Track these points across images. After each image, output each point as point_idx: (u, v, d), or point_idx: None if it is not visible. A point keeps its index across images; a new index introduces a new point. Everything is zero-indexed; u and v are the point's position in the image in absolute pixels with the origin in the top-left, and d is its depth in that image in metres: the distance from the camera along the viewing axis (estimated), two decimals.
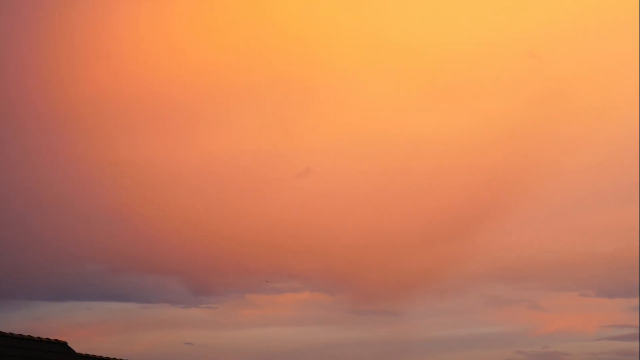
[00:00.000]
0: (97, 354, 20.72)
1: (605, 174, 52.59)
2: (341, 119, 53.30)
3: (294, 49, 52.65)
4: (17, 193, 51.00)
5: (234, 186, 52.54)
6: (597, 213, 52.75)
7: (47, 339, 18.90)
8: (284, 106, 53.11)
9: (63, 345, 19.29)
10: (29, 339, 18.20)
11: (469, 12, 53.03)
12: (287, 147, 52.83)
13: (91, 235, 51.50)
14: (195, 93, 52.65)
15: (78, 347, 19.95)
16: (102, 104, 51.75)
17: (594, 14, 52.04)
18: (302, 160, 52.58)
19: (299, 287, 54.29)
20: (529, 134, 53.32)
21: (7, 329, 17.86)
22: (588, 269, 52.85)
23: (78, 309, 52.87)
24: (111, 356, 21.11)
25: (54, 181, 51.59)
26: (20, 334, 18.00)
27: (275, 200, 52.73)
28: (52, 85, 51.60)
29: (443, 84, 53.18)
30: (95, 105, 51.71)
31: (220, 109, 52.86)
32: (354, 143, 52.97)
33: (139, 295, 53.10)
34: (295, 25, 52.70)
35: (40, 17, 51.32)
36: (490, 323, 53.49)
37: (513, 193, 53.56)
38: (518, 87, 53.38)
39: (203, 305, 53.69)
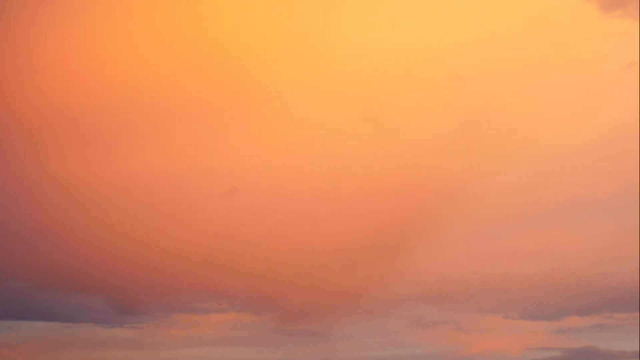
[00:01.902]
0: None
1: (530, 196, 53.23)
2: (270, 139, 53.43)
3: (225, 68, 52.82)
4: None
5: (159, 203, 52.30)
6: (522, 235, 53.28)
7: None
8: (213, 124, 53.14)
9: None
10: None
11: (396, 34, 53.55)
12: (215, 165, 52.77)
13: (14, 252, 50.85)
14: (124, 109, 52.44)
15: None
16: (29, 118, 51.30)
17: (519, 36, 52.81)
18: (229, 179, 52.57)
19: (224, 307, 54.06)
20: (455, 156, 53.80)
21: None
22: (512, 291, 53.32)
23: (0, 328, 52.10)
24: None
25: None
26: None
27: (202, 218, 52.61)
28: None
29: (370, 106, 53.64)
30: (21, 120, 51.24)
31: (149, 125, 52.67)
32: (281, 163, 53.11)
33: (62, 314, 52.54)
34: (227, 43, 52.88)
35: None
36: (416, 344, 53.66)
37: (439, 214, 53.94)
38: (444, 109, 53.90)
39: (127, 325, 53.31)
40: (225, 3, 52.53)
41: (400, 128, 53.85)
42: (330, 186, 53.13)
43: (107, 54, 52.10)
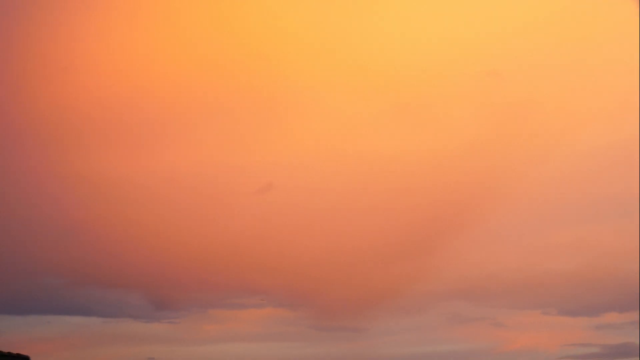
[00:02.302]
0: None
1: (567, 191, 52.88)
2: (304, 135, 53.40)
3: (258, 65, 52.83)
4: None
5: (196, 200, 52.44)
6: (560, 231, 52.99)
7: (9, 353, 18.73)
8: (247, 121, 53.17)
9: (25, 359, 19.13)
10: None
11: (430, 31, 53.30)
12: (250, 162, 52.83)
13: (52, 249, 51.26)
14: (158, 106, 52.62)
15: None
16: (63, 117, 51.59)
17: (555, 31, 52.43)
18: (264, 176, 52.58)
19: (261, 303, 54.17)
20: (490, 152, 53.57)
21: None
22: (550, 287, 53.06)
23: (39, 323, 52.57)
24: None
25: (14, 194, 51.25)
26: None
27: (238, 215, 52.69)
28: (10, 100, 51.34)
29: (405, 102, 53.43)
30: (56, 119, 51.54)
31: (184, 123, 52.83)
32: (317, 159, 53.07)
33: (100, 309, 52.86)
34: (260, 41, 52.83)
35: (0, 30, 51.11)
36: (452, 340, 53.52)
37: (475, 211, 53.75)
38: (479, 105, 53.65)
39: (165, 320, 53.55)
40: (258, 2, 52.50)
41: (435, 123, 53.71)
42: (366, 181, 53.10)
43: (138, 51, 52.33)
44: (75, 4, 51.45)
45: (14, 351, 18.61)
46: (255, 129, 53.14)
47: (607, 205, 52.35)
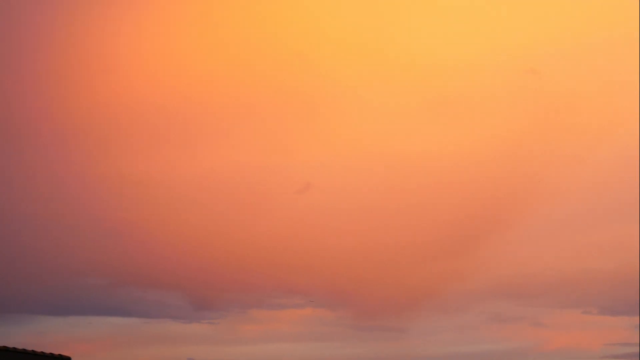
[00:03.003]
0: None
1: (607, 191, 52.54)
2: (342, 134, 53.41)
3: (295, 64, 52.87)
4: (18, 207, 51.10)
5: (235, 201, 52.60)
6: (600, 230, 52.64)
7: (51, 354, 18.90)
8: (285, 121, 53.29)
9: None
10: (33, 354, 18.18)
11: (470, 28, 53.14)
12: (288, 162, 52.93)
13: (92, 249, 51.57)
14: (196, 107, 52.82)
15: None
16: (102, 118, 51.95)
17: (595, 30, 52.10)
18: (303, 176, 52.64)
19: (300, 303, 54.24)
20: (530, 150, 53.32)
21: (9, 343, 17.86)
22: (591, 287, 52.73)
23: (80, 324, 52.91)
24: None
25: (55, 195, 51.69)
26: (24, 349, 18.00)
27: (277, 215, 52.75)
28: (52, 99, 51.79)
29: (443, 100, 53.26)
30: (95, 119, 51.93)
31: (222, 123, 52.99)
32: (355, 158, 53.02)
33: (140, 310, 53.12)
34: (296, 39, 52.89)
35: (40, 30, 51.54)
36: (493, 340, 53.32)
37: (515, 209, 53.50)
38: (518, 103, 53.46)
39: (205, 321, 53.72)
40: (295, 1, 52.58)
41: (474, 121, 53.56)
42: (404, 180, 53.00)
43: (181, 53, 52.54)
44: (113, 8, 51.75)
45: (56, 352, 18.80)
46: (292, 130, 53.32)
47: None
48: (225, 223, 52.26)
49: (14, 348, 17.79)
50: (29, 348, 18.31)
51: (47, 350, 18.90)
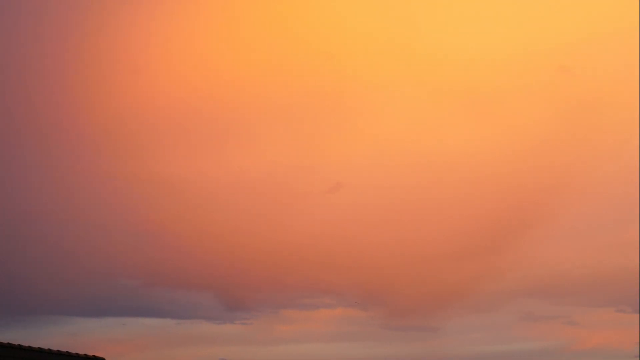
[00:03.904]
0: None
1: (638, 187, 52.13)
2: (371, 133, 53.36)
3: (323, 64, 52.89)
4: (51, 210, 51.53)
5: (265, 201, 52.67)
6: (633, 227, 52.18)
7: (86, 354, 18.98)
8: (314, 121, 53.31)
9: None
10: (68, 355, 18.27)
11: (501, 25, 52.98)
12: (318, 162, 52.98)
13: (125, 251, 51.87)
14: (225, 109, 52.94)
15: None
16: (133, 120, 52.18)
17: (626, 26, 51.76)
18: (333, 175, 52.68)
19: (332, 303, 54.30)
20: (562, 148, 53.11)
21: (44, 344, 17.97)
22: (624, 285, 52.31)
23: (114, 325, 53.20)
24: None
25: (87, 198, 52.01)
26: (58, 350, 18.10)
27: (307, 215, 52.83)
28: (82, 102, 52.15)
29: (474, 97, 53.15)
30: (126, 122, 52.17)
31: (251, 124, 53.10)
32: (385, 157, 53.03)
33: (173, 310, 53.32)
34: (325, 40, 52.97)
35: (70, 33, 51.85)
36: (526, 339, 53.19)
37: (547, 206, 53.27)
38: (550, 100, 53.22)
39: (237, 321, 53.84)
40: (324, 2, 52.64)
41: (506, 120, 53.42)
42: (435, 178, 52.93)
43: (209, 53, 52.67)
44: (142, 9, 51.98)
45: (90, 353, 18.91)
46: (322, 129, 53.32)
47: None
48: (256, 223, 52.38)
49: (49, 349, 17.89)
50: (63, 349, 18.42)
51: (81, 352, 18.98)
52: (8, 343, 16.59)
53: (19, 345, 17.09)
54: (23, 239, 50.76)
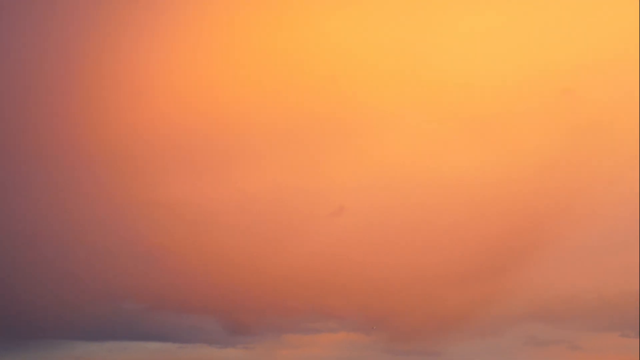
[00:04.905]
0: None
1: None
2: (374, 156, 53.43)
3: (326, 87, 53.06)
4: (53, 233, 51.68)
5: (268, 224, 52.75)
6: (636, 251, 52.10)
7: None
8: (317, 144, 53.42)
9: None
10: None
11: (504, 49, 53.11)
12: (321, 185, 53.02)
13: (128, 274, 51.99)
14: (228, 131, 53.10)
15: None
16: (134, 142, 52.34)
17: (630, 50, 51.89)
18: (336, 198, 52.77)
19: (335, 327, 54.22)
20: (565, 171, 53.08)
21: None
22: (629, 309, 52.20)
23: (116, 349, 53.22)
24: None
25: (89, 221, 52.13)
26: None
27: (310, 238, 52.84)
28: (84, 125, 52.33)
29: (478, 120, 53.23)
30: (127, 144, 52.33)
31: (254, 147, 53.20)
32: (388, 180, 53.03)
33: (176, 334, 53.33)
34: (328, 63, 53.16)
35: (71, 57, 52.17)
36: None
37: (551, 230, 53.19)
38: (554, 123, 53.26)
39: (240, 345, 53.79)
40: (326, 23, 52.86)
41: (509, 143, 53.41)
42: (439, 202, 52.94)
43: (211, 76, 52.89)
44: (145, 32, 52.32)
45: None
46: (325, 152, 53.41)
47: None
48: (259, 246, 52.45)
49: None
50: None
51: None
52: None
53: None
54: (24, 262, 50.99)
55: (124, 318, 52.32)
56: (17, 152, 51.66)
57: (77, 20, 52.35)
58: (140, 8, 52.42)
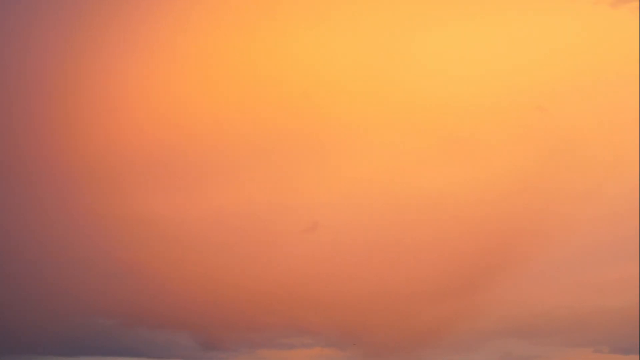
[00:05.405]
0: None
1: (616, 227, 52.36)
2: (349, 173, 53.62)
3: (302, 104, 53.30)
4: (26, 246, 51.47)
5: (243, 239, 52.82)
6: (609, 267, 52.44)
7: None
8: (291, 160, 53.58)
9: None
10: None
11: (477, 66, 53.41)
12: (295, 201, 53.14)
13: (101, 290, 51.87)
14: (203, 147, 53.24)
15: None
16: (111, 157, 52.42)
17: (602, 67, 52.29)
18: (311, 214, 52.89)
19: (310, 342, 54.23)
20: (539, 188, 53.36)
21: None
22: (602, 325, 52.46)
23: None
24: None
25: (64, 235, 52.04)
26: None
27: (285, 254, 52.93)
28: (62, 139, 52.34)
29: (451, 138, 53.52)
30: (104, 159, 52.39)
31: (229, 163, 53.34)
32: (362, 197, 53.22)
33: (150, 350, 53.21)
34: (303, 80, 53.32)
35: (48, 68, 52.17)
36: None
37: (524, 247, 53.44)
38: (527, 141, 53.59)
39: None
40: (302, 41, 53.08)
41: (482, 161, 53.67)
42: (413, 219, 53.11)
43: (187, 93, 53.03)
44: (121, 48, 52.44)
45: None
46: (300, 169, 53.56)
47: None
48: (234, 262, 52.51)
49: None
50: None
51: None
52: None
53: None
54: None
55: (98, 333, 52.24)
56: None
57: (55, 35, 52.48)
58: (118, 23, 52.60)
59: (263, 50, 53.19)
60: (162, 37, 52.45)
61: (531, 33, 53.42)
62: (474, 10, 53.57)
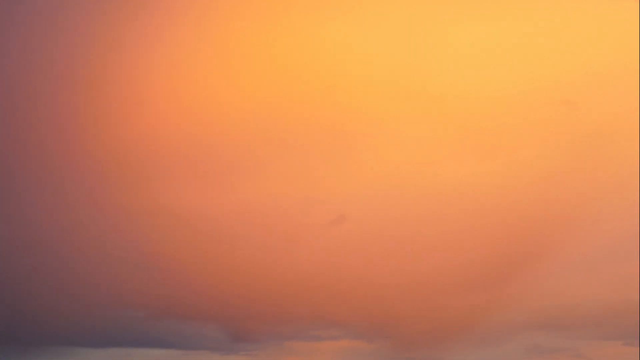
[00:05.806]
0: None
1: None
2: (374, 166, 53.57)
3: (328, 96, 53.30)
4: (56, 242, 52.03)
5: (270, 232, 52.97)
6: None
7: None
8: (318, 153, 53.61)
9: None
10: None
11: (504, 59, 53.14)
12: (321, 194, 53.20)
13: (130, 282, 52.27)
14: (229, 140, 53.38)
15: None
16: (138, 151, 52.69)
17: (631, 60, 51.83)
18: (337, 207, 52.94)
19: (338, 335, 54.34)
20: (567, 180, 53.05)
21: None
22: (633, 318, 52.06)
23: (119, 356, 53.42)
24: None
25: (92, 228, 52.46)
26: None
27: (312, 247, 53.03)
28: (89, 133, 52.69)
29: (478, 130, 53.32)
30: (131, 152, 52.66)
31: (255, 156, 53.46)
32: (388, 189, 53.14)
33: (178, 341, 53.53)
34: (329, 72, 53.34)
35: (73, 64, 52.53)
36: None
37: (554, 239, 53.14)
38: (553, 134, 53.31)
39: (242, 353, 53.97)
40: (327, 33, 53.06)
41: (510, 152, 53.45)
42: (439, 211, 53.01)
43: (213, 87, 53.18)
44: (146, 41, 52.69)
45: None
46: (325, 161, 53.59)
47: None
48: (261, 254, 52.66)
49: None
50: None
51: None
52: None
53: None
54: (27, 271, 51.40)
55: (126, 325, 52.69)
56: (18, 159, 52.15)
57: (79, 27, 52.80)
58: (143, 16, 52.80)
59: (289, 43, 53.29)
60: (188, 30, 52.65)
61: (560, 24, 53.12)
62: (501, 0, 53.30)
